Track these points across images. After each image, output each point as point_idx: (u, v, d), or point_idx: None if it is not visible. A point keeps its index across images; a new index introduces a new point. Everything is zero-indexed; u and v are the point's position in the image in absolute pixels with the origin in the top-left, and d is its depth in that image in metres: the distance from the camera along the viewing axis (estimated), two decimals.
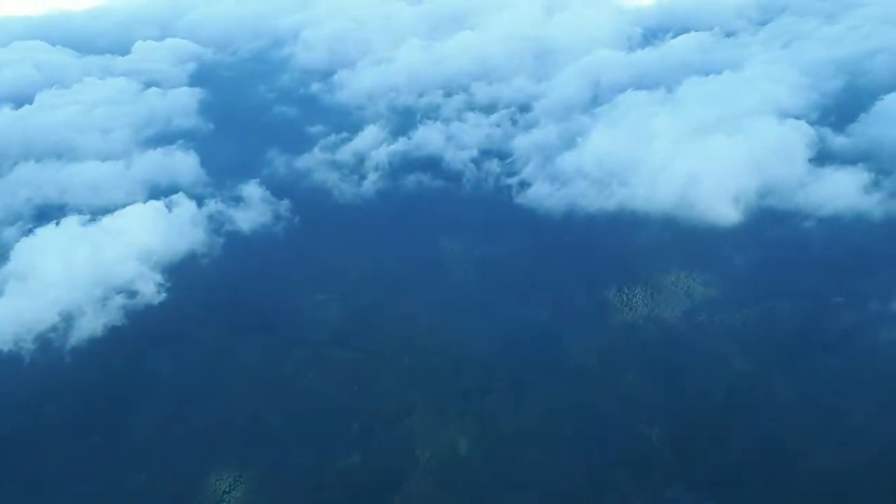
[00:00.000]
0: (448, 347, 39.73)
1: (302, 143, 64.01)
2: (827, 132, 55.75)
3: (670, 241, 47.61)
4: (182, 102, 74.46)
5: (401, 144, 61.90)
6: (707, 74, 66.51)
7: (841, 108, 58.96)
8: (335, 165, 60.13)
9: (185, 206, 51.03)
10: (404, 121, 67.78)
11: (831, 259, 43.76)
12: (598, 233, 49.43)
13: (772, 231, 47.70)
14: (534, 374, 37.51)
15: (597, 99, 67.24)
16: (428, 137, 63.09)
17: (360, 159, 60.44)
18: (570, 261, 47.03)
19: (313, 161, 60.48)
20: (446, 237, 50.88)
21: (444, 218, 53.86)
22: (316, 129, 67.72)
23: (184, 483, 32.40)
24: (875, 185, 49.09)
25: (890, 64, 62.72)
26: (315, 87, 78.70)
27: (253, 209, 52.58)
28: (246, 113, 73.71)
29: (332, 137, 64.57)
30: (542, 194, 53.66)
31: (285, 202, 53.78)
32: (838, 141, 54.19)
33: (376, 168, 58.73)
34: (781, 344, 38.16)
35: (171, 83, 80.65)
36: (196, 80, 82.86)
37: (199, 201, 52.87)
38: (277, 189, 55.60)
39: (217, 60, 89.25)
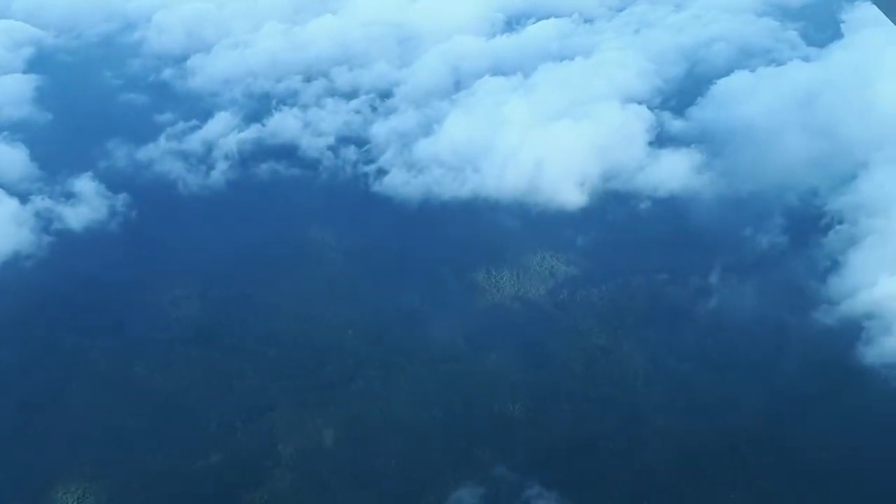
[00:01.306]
0: (313, 338, 39.36)
1: (147, 133, 60.30)
2: (667, 116, 58.63)
3: (526, 224, 49.14)
4: (14, 91, 68.34)
5: (254, 132, 59.67)
6: (562, 60, 68.21)
7: (681, 92, 62.14)
8: (182, 155, 57.13)
9: (6, 204, 46.90)
10: (260, 107, 65.39)
11: (669, 236, 46.31)
12: (459, 219, 50.24)
13: (615, 212, 49.95)
14: (401, 360, 37.75)
15: (457, 85, 67.53)
16: (284, 124, 61.19)
17: (209, 148, 57.81)
18: (436, 247, 47.60)
19: (157, 151, 57.17)
20: (306, 226, 50.15)
21: (301, 207, 52.94)
22: (164, 117, 64.05)
23: (26, 499, 30.52)
24: (707, 165, 52.15)
25: (726, 51, 66.67)
26: (167, 72, 74.32)
27: (85, 204, 49.10)
28: (88, 101, 68.51)
29: (181, 125, 61.28)
30: (398, 182, 53.43)
31: (122, 196, 50.63)
32: (676, 124, 57.12)
33: (226, 157, 56.37)
34: (634, 317, 40.41)
35: (2, 69, 73.89)
36: (33, 66, 76.09)
37: (24, 198, 48.83)
38: (114, 182, 52.21)
39: (58, 45, 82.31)
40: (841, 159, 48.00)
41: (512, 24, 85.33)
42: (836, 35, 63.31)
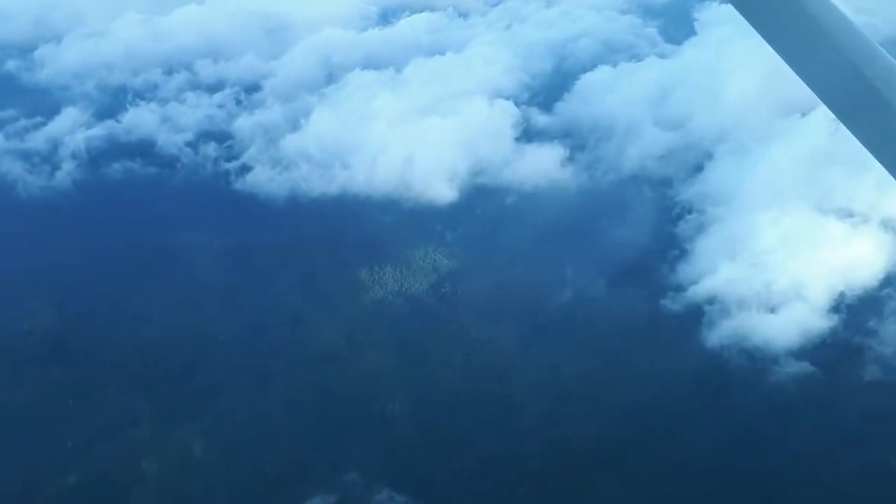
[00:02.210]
0: (182, 347, 37.70)
1: None
2: (534, 111, 59.72)
3: (401, 220, 48.77)
4: None
5: (106, 128, 55.86)
6: (433, 55, 68.09)
7: (549, 87, 63.40)
8: (23, 154, 52.67)
9: None
10: (114, 102, 61.31)
11: (535, 229, 46.88)
12: (333, 215, 49.35)
13: (485, 206, 50.36)
14: (277, 364, 36.70)
15: (328, 78, 66.05)
16: (140, 120, 57.66)
17: (55, 146, 53.57)
18: (313, 245, 46.69)
19: None
20: (167, 228, 47.80)
21: (160, 208, 50.53)
22: (6, 113, 58.81)
23: None
24: (570, 159, 53.50)
25: (591, 47, 68.69)
26: (11, 64, 68.40)
27: None
28: None
29: (23, 122, 56.50)
30: (262, 179, 51.55)
31: None
32: (542, 119, 58.27)
33: (73, 156, 52.42)
34: (511, 309, 40.76)
35: None
36: None
37: None
38: None
39: None
40: (691, 151, 50.57)
41: (387, 16, 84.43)
42: (691, 33, 66.62)
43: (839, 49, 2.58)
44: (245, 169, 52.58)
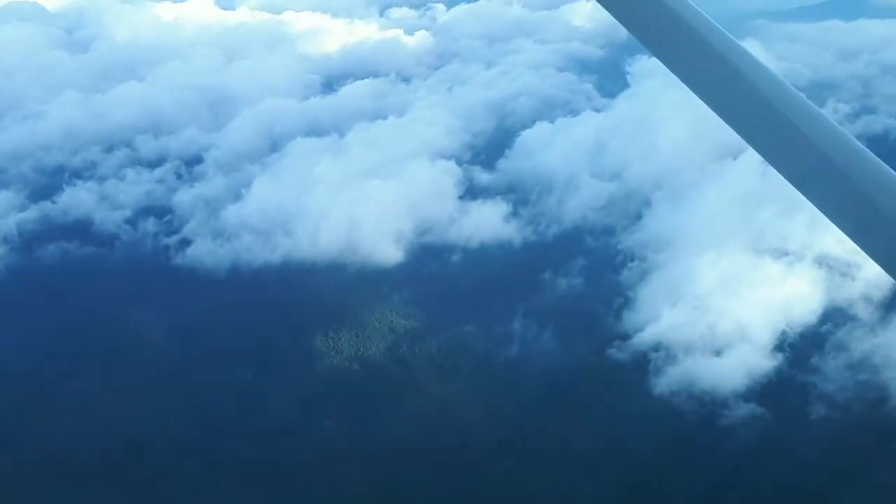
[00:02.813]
0: (131, 431, 35.80)
1: None
2: (477, 170, 60.47)
3: (349, 284, 48.18)
4: None
5: (39, 210, 54.51)
6: (375, 120, 68.86)
7: (490, 146, 64.52)
8: None
9: None
10: (51, 183, 59.96)
11: (481, 285, 46.99)
12: (280, 284, 48.44)
13: (431, 265, 50.18)
14: (230, 442, 35.21)
15: (270, 148, 66.08)
16: (77, 200, 56.42)
17: None
18: (263, 315, 45.50)
19: None
20: (107, 309, 46.04)
21: (98, 288, 48.75)
22: None
23: None
24: (514, 214, 53.94)
25: (529, 104, 70.50)
26: None
27: None
28: None
29: None
30: (203, 252, 50.57)
31: None
32: (485, 177, 58.99)
33: (5, 240, 50.83)
34: (466, 366, 40.29)
35: None
36: None
37: None
38: None
39: None
40: (630, 199, 51.40)
41: (331, 84, 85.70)
42: (625, 86, 68.86)
43: (759, 93, 2.72)
44: (185, 243, 51.61)
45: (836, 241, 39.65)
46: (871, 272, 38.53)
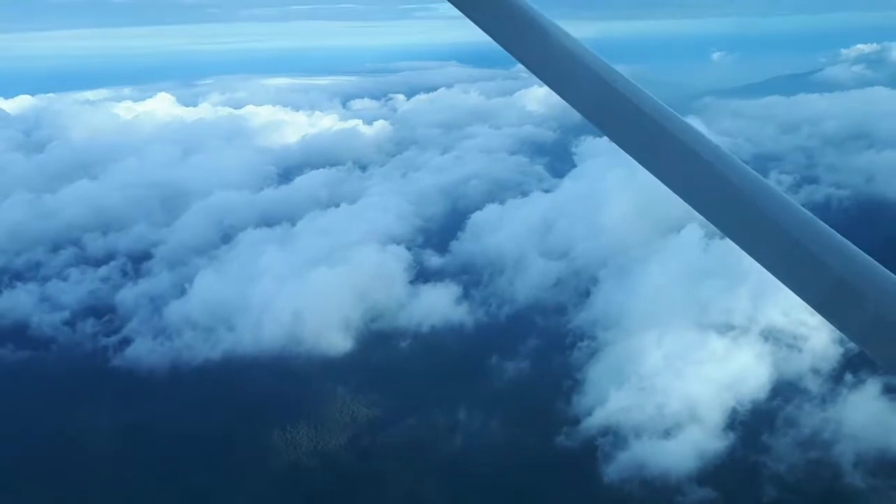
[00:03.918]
0: None
1: None
2: (429, 253, 60.04)
3: (293, 376, 46.48)
4: None
5: None
6: (328, 208, 68.72)
7: (442, 229, 64.45)
8: None
9: None
10: None
11: (434, 370, 45.54)
12: (218, 382, 46.51)
13: (380, 352, 48.74)
14: None
15: (221, 240, 65.27)
16: (14, 303, 54.74)
17: None
18: (214, 413, 43.33)
19: None
20: (43, 418, 43.56)
21: (33, 395, 46.38)
22: None
23: None
24: (466, 296, 53.10)
25: (480, 187, 71.04)
26: None
27: None
28: None
29: None
30: (143, 351, 48.71)
31: None
32: (436, 260, 58.48)
33: None
34: (422, 458, 38.05)
35: None
36: None
37: None
38: None
39: None
40: (578, 277, 50.92)
41: (289, 175, 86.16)
42: (572, 166, 69.87)
43: (701, 161, 2.96)
44: (125, 342, 49.76)
45: (780, 314, 39.25)
46: (818, 343, 37.97)
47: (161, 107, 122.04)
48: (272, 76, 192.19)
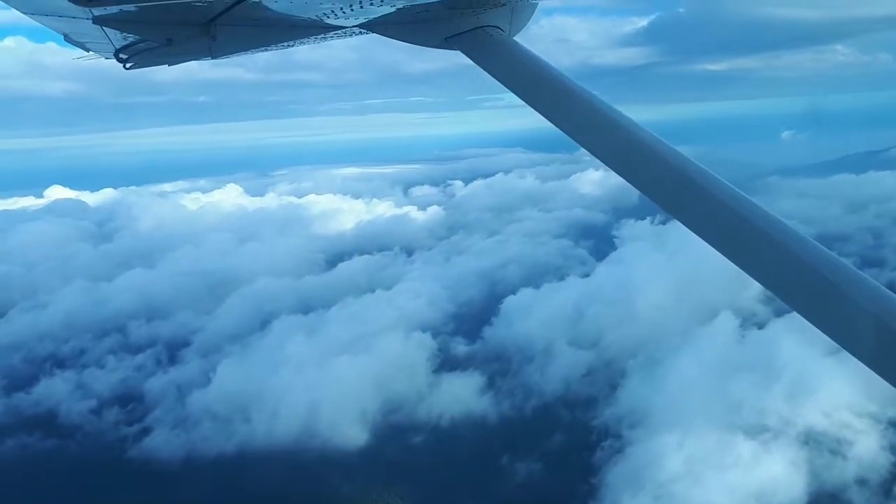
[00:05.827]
0: None
1: None
2: (457, 340, 58.00)
3: (304, 472, 44.79)
4: None
5: (10, 402, 53.98)
6: (363, 294, 68.19)
7: (476, 315, 62.43)
8: None
9: None
10: (33, 373, 60.09)
11: (448, 468, 42.99)
12: (233, 476, 45.21)
13: (394, 447, 46.48)
14: None
15: (260, 327, 65.44)
16: (51, 390, 55.94)
17: None
18: None
19: None
20: None
21: (52, 485, 46.40)
22: None
23: None
24: (490, 386, 50.52)
25: (518, 271, 69.06)
26: None
27: None
28: None
29: None
30: (159, 442, 48.25)
31: None
32: (463, 348, 56.33)
33: None
34: None
35: None
36: None
37: None
38: None
39: None
40: (610, 368, 47.61)
41: (336, 261, 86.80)
42: (612, 249, 67.17)
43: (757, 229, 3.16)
44: (144, 432, 49.53)
45: (821, 414, 34.80)
46: (865, 449, 33.18)
47: (228, 197, 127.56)
48: (342, 166, 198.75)
